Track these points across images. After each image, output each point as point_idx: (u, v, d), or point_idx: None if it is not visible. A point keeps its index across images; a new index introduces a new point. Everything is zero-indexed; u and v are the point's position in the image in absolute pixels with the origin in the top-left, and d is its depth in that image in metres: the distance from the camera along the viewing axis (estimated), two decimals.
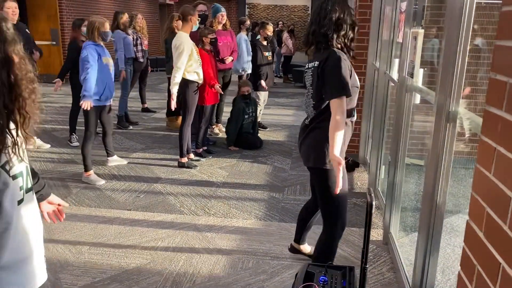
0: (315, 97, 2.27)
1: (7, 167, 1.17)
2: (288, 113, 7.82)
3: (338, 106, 2.09)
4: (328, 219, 2.40)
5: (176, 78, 4.37)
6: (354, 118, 2.37)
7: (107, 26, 4.10)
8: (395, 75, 3.63)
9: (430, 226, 2.16)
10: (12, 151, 1.17)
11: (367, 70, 4.76)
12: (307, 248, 2.94)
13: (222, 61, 5.57)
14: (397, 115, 3.02)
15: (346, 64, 2.13)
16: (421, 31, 2.65)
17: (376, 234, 3.34)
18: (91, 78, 3.95)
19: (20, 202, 1.23)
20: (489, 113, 1.15)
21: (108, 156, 4.65)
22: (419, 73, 2.71)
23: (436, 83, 2.17)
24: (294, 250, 2.94)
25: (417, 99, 2.87)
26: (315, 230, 2.95)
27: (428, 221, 2.16)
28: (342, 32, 2.19)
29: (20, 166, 1.23)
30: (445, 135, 2.04)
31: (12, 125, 1.17)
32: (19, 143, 1.18)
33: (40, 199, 1.54)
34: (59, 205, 1.64)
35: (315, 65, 2.24)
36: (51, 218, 1.64)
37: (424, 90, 2.61)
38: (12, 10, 4.42)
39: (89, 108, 3.99)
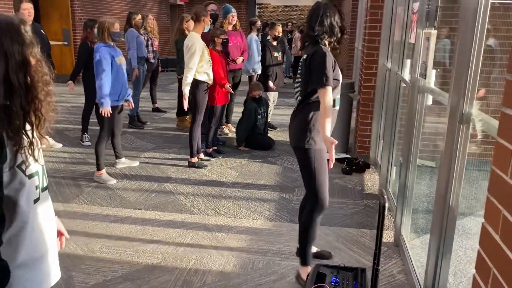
0: (302, 85, 2.58)
1: (23, 167, 1.19)
2: None
3: (325, 95, 2.38)
4: (310, 196, 2.61)
5: (188, 79, 4.39)
6: (337, 108, 2.65)
7: (117, 27, 4.12)
8: (407, 76, 3.61)
9: (442, 228, 2.14)
10: (28, 152, 1.19)
11: (378, 71, 4.74)
12: (313, 248, 2.89)
13: (233, 61, 5.58)
14: (409, 116, 3.00)
15: (330, 60, 2.43)
16: (434, 32, 2.63)
17: (387, 236, 3.32)
18: (105, 84, 3.97)
19: (36, 201, 1.26)
20: (505, 115, 1.14)
21: (116, 158, 4.67)
22: (432, 74, 2.70)
23: (449, 84, 2.16)
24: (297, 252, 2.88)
25: (429, 100, 2.85)
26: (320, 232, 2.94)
27: (440, 223, 2.14)
28: (333, 37, 2.53)
29: (36, 166, 1.25)
30: (459, 136, 2.02)
31: (27, 126, 1.19)
32: (35, 144, 1.21)
33: None
34: (61, 234, 1.58)
35: (304, 57, 2.56)
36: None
37: (437, 91, 2.59)
38: (28, 11, 4.47)
39: (108, 115, 4.03)
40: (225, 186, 4.25)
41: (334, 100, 2.51)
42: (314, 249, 2.91)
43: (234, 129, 5.91)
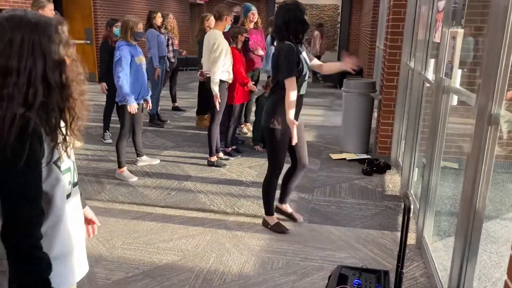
0: (273, 75, 3.09)
1: (59, 163, 1.24)
2: (316, 113, 7.76)
3: (289, 84, 2.90)
4: (270, 164, 3.28)
5: (216, 79, 4.40)
6: (303, 93, 3.13)
7: (140, 27, 4.16)
8: (430, 75, 3.55)
9: (468, 231, 2.09)
10: (63, 148, 1.22)
11: (400, 70, 4.67)
12: (288, 208, 3.51)
13: (253, 52, 5.45)
14: (433, 116, 2.95)
15: (293, 54, 2.91)
16: (460, 31, 2.58)
17: (408, 238, 3.25)
18: (123, 83, 4.01)
19: (68, 196, 1.31)
20: None
21: (137, 156, 4.73)
22: (457, 74, 2.64)
23: (477, 84, 2.11)
24: (277, 209, 3.48)
25: (454, 100, 2.79)
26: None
27: (466, 226, 2.10)
28: (295, 33, 2.98)
29: (68, 162, 1.30)
30: (486, 138, 1.97)
31: (62, 123, 1.23)
32: (68, 141, 1.24)
33: None
34: (92, 221, 1.65)
35: (273, 52, 3.08)
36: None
37: (463, 92, 2.54)
38: (51, 11, 4.54)
39: (135, 111, 4.08)
40: (244, 185, 4.26)
41: (300, 87, 3.03)
42: (289, 209, 3.50)
43: (252, 128, 5.90)
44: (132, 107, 4.06)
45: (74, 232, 1.35)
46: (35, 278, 1.12)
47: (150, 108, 4.66)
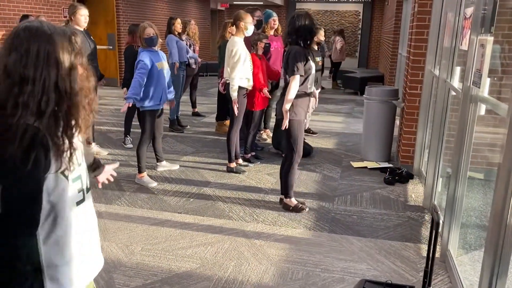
0: (284, 74, 3.57)
1: (66, 173, 1.25)
2: (337, 120, 7.68)
3: (293, 81, 3.42)
4: (290, 152, 3.62)
5: (235, 86, 4.39)
6: (310, 91, 3.60)
7: (148, 32, 4.08)
8: (456, 83, 3.46)
9: (498, 246, 2.00)
10: (71, 157, 1.23)
11: (424, 78, 4.57)
12: (293, 201, 3.80)
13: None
14: (460, 126, 2.86)
15: (301, 56, 3.41)
16: (490, 39, 2.49)
17: None
18: (136, 86, 4.03)
19: (79, 203, 1.34)
20: None
21: (157, 161, 4.74)
22: (486, 83, 2.55)
23: (509, 94, 2.03)
24: (281, 201, 3.84)
25: (482, 109, 2.70)
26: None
27: (496, 240, 2.01)
28: (304, 38, 3.48)
29: (79, 170, 1.32)
30: None
31: (70, 132, 1.24)
32: (77, 149, 1.26)
33: (98, 174, 1.85)
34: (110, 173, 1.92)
35: (285, 54, 3.58)
36: (103, 182, 1.91)
37: (492, 101, 2.45)
38: (85, 17, 4.58)
39: (124, 111, 4.14)
40: (263, 192, 4.22)
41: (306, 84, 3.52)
42: (294, 202, 3.79)
43: (271, 135, 5.86)
44: (126, 106, 4.11)
45: (86, 237, 1.39)
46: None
47: (173, 106, 4.69)
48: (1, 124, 1.12)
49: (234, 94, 4.42)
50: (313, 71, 3.55)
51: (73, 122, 1.23)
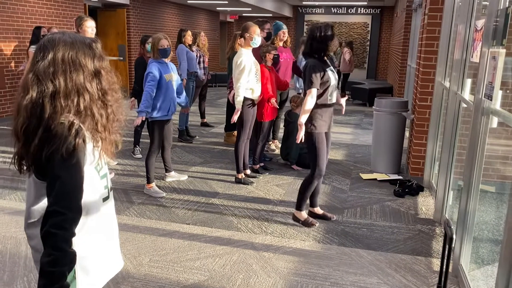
0: (304, 87, 3.54)
1: (98, 168, 1.39)
2: (346, 131, 7.65)
3: (309, 94, 3.41)
4: (313, 166, 3.56)
5: (240, 97, 4.40)
6: (331, 102, 3.54)
7: (162, 43, 4.13)
8: (467, 95, 3.43)
9: None
10: (102, 153, 1.37)
11: (434, 90, 4.54)
12: (319, 210, 3.87)
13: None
14: (471, 138, 2.83)
15: (317, 69, 3.39)
16: (502, 51, 2.47)
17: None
18: (147, 99, 4.05)
19: (105, 199, 1.46)
20: None
21: (166, 172, 4.75)
22: (498, 95, 2.53)
23: None
24: (310, 213, 3.85)
25: (494, 122, 2.67)
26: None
27: (510, 255, 1.97)
28: (321, 51, 3.47)
29: (105, 168, 1.45)
30: None
31: (101, 128, 1.36)
32: (108, 146, 1.38)
33: None
34: None
35: (304, 67, 3.54)
36: None
37: (504, 114, 2.42)
38: (91, 28, 4.64)
39: (138, 124, 4.13)
40: (271, 204, 4.20)
41: (326, 95, 3.49)
42: (320, 211, 3.87)
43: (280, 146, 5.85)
44: (139, 120, 4.09)
45: (111, 231, 1.50)
46: (56, 271, 1.21)
47: (188, 112, 4.71)
48: (47, 123, 1.25)
49: (238, 104, 4.43)
50: (333, 82, 3.49)
51: (105, 119, 1.36)
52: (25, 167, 1.31)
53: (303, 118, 3.41)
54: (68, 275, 1.22)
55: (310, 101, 3.39)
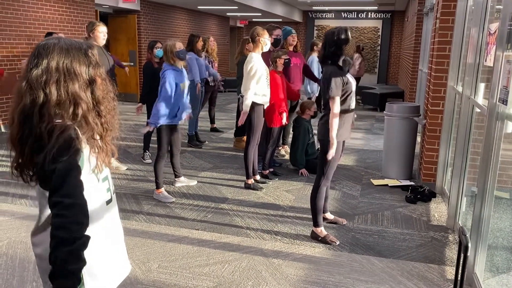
0: (323, 95, 3.39)
1: (96, 171, 1.35)
2: (356, 137, 7.59)
3: (333, 103, 3.24)
4: (320, 174, 3.49)
5: (248, 100, 4.38)
6: (352, 107, 3.41)
7: (178, 45, 4.12)
8: (480, 100, 3.37)
9: None
10: (100, 158, 1.35)
11: (447, 94, 4.48)
12: (330, 215, 3.86)
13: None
14: (485, 144, 2.77)
15: (337, 76, 3.24)
16: None
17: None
18: (162, 108, 4.07)
19: (108, 202, 1.44)
20: None
21: (175, 177, 4.74)
22: None
23: None
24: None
25: (509, 127, 2.62)
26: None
27: None
28: (339, 57, 3.31)
29: (106, 170, 1.42)
30: None
31: (97, 136, 1.35)
32: (104, 151, 1.36)
33: None
34: None
35: (322, 75, 3.42)
36: None
37: None
38: (103, 34, 4.68)
39: (151, 130, 4.18)
40: (281, 209, 4.16)
41: (348, 103, 3.36)
42: (331, 216, 3.84)
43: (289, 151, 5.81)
44: (152, 128, 4.15)
45: (117, 234, 1.50)
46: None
47: (190, 119, 4.73)
48: (39, 132, 1.23)
49: (246, 108, 4.41)
50: (353, 88, 3.36)
51: (100, 127, 1.34)
52: (28, 176, 1.30)
53: (333, 133, 3.24)
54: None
55: (336, 111, 3.23)
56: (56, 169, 1.20)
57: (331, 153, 3.27)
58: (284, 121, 4.89)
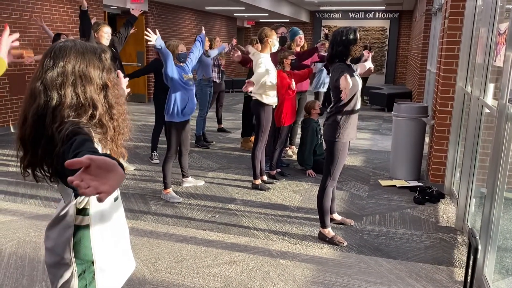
0: (333, 94, 3.35)
1: None
2: (364, 137, 7.56)
3: (345, 78, 3.04)
4: (327, 175, 3.46)
5: (260, 69, 4.35)
6: (358, 107, 3.37)
7: (181, 48, 4.24)
8: (490, 100, 3.35)
9: None
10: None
11: (455, 95, 4.45)
12: (337, 216, 3.84)
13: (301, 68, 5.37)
14: (495, 144, 2.75)
15: (346, 71, 3.14)
16: None
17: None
18: (171, 101, 4.20)
19: (116, 199, 1.48)
20: None
21: (183, 177, 4.76)
22: None
23: None
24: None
25: None
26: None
27: None
28: (345, 55, 3.32)
29: None
30: None
31: (108, 137, 1.36)
32: (114, 152, 1.39)
33: None
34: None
35: (331, 74, 3.40)
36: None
37: None
38: (107, 34, 4.73)
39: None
40: (289, 210, 4.16)
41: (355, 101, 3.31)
42: (338, 217, 3.83)
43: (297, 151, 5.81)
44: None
45: (123, 231, 1.53)
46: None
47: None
48: (51, 133, 1.23)
49: (256, 75, 4.34)
50: (359, 87, 3.34)
51: (113, 130, 1.36)
52: (46, 178, 1.31)
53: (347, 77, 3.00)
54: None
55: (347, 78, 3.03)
56: (74, 142, 1.18)
57: (346, 83, 2.99)
58: (293, 86, 4.81)
